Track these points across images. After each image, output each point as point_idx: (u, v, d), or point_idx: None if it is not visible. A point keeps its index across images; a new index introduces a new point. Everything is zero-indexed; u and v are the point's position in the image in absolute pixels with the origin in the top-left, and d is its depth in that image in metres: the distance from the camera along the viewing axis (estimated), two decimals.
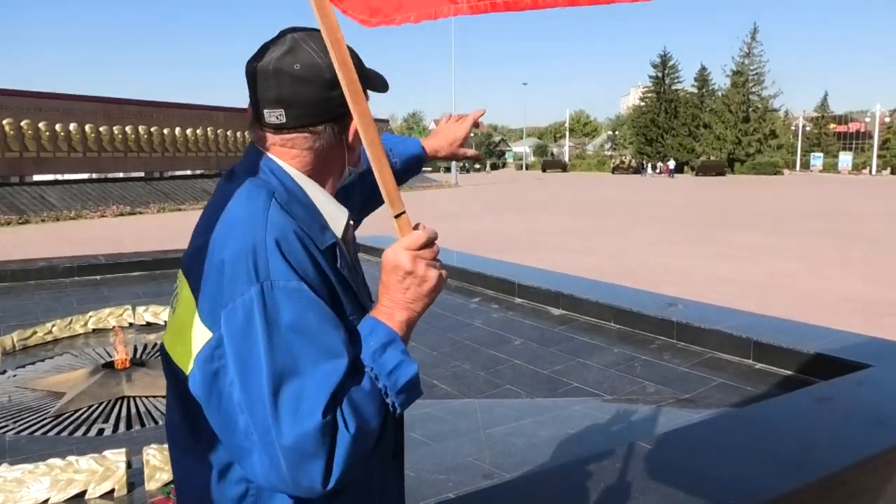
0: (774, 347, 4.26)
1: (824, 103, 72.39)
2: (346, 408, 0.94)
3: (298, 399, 0.92)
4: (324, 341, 0.96)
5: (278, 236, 0.99)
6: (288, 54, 1.09)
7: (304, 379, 0.93)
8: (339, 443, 0.93)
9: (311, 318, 0.96)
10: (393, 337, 1.02)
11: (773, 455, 2.58)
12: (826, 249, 13.80)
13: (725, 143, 60.52)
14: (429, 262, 1.05)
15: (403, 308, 1.04)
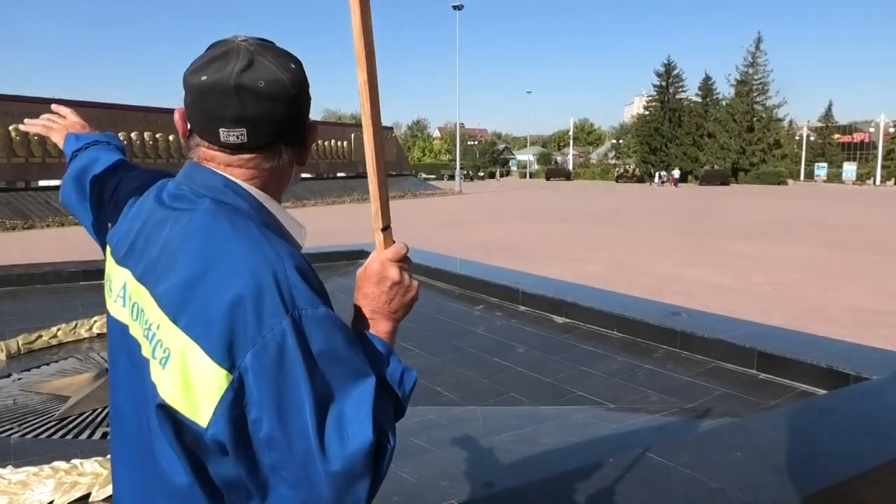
0: (778, 358, 4.26)
1: (828, 113, 72.42)
2: (384, 422, 0.96)
3: (342, 424, 0.90)
4: (355, 362, 0.95)
5: (297, 264, 0.96)
6: (249, 69, 1.00)
7: (343, 403, 0.91)
8: (383, 458, 0.95)
9: (341, 342, 0.95)
10: (387, 348, 1.05)
11: (775, 465, 2.59)
12: (829, 260, 13.78)
13: (729, 153, 60.49)
14: (410, 273, 1.08)
15: (387, 318, 1.06)
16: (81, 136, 1.65)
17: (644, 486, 2.39)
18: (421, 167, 72.83)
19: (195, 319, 0.93)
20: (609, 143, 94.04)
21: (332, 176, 37.53)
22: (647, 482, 2.43)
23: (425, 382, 4.54)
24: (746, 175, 58.92)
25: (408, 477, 3.04)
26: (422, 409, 4.13)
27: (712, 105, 65.63)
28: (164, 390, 0.97)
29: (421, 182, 47.22)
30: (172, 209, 1.06)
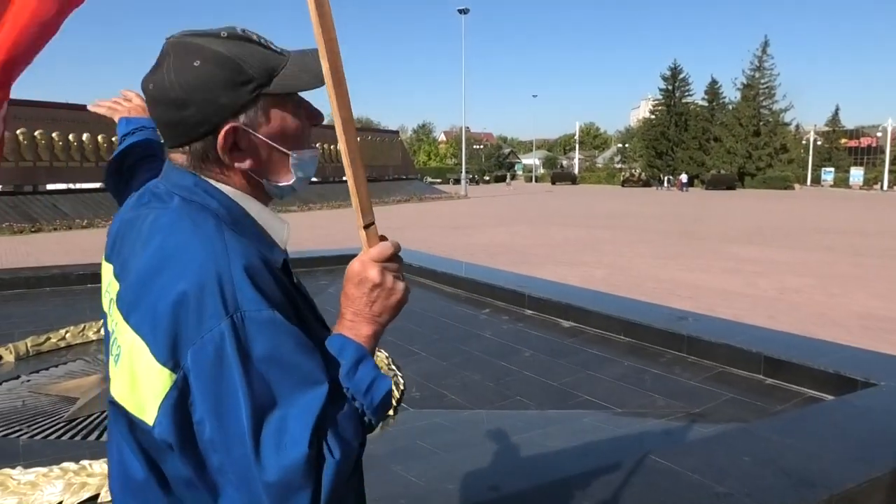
0: (785, 363, 4.25)
1: (835, 117, 72.18)
2: (330, 434, 0.91)
3: (281, 433, 0.88)
4: (302, 369, 0.91)
5: (245, 264, 0.93)
6: (151, 72, 1.04)
7: (286, 411, 0.89)
8: (326, 471, 0.90)
9: (287, 346, 0.91)
10: (363, 353, 0.99)
11: (783, 471, 2.58)
12: (836, 265, 13.73)
13: (736, 157, 60.38)
14: (396, 275, 1.02)
15: (369, 321, 1.01)
16: (132, 120, 1.66)
17: (651, 491, 2.39)
18: (426, 171, 72.91)
19: (144, 318, 0.94)
20: (615, 147, 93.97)
21: (338, 180, 37.56)
22: (654, 486, 2.43)
23: (431, 385, 4.54)
24: (753, 179, 58.79)
25: (415, 480, 3.05)
26: (428, 412, 4.14)
27: (719, 109, 65.53)
28: (114, 387, 1.01)
29: (426, 186, 47.26)
30: (147, 207, 1.07)
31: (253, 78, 1.01)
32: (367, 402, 0.96)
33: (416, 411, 4.15)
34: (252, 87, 1.02)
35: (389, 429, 3.88)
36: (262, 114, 1.04)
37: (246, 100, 1.02)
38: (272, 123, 1.05)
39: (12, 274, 7.69)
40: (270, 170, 1.08)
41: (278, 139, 1.06)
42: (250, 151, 1.05)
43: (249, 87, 1.01)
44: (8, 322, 6.03)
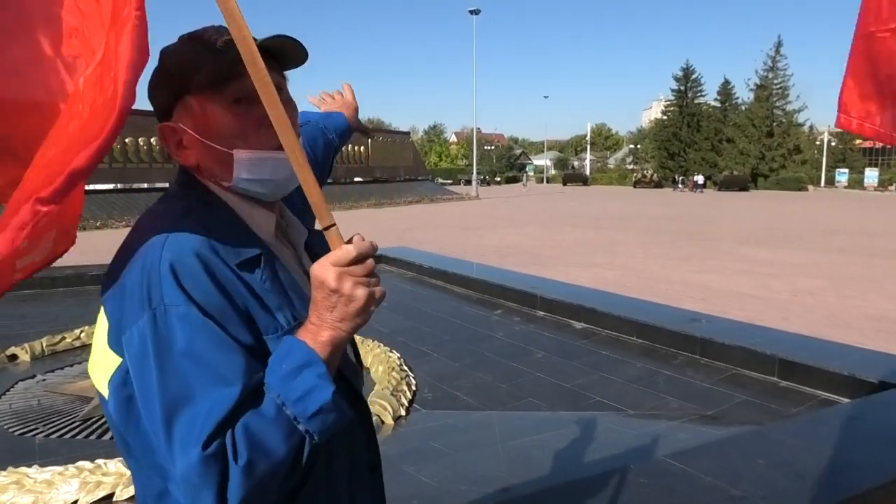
0: (799, 365, 4.22)
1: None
2: (239, 437, 0.90)
3: (189, 428, 0.90)
4: (215, 368, 0.92)
5: (173, 258, 0.96)
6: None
7: (196, 407, 0.90)
8: (231, 474, 0.89)
9: (202, 344, 0.93)
10: (310, 359, 0.94)
11: (797, 474, 2.57)
12: (850, 267, 13.62)
13: (749, 158, 59.97)
14: (358, 280, 0.94)
15: (329, 327, 0.95)
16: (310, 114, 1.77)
17: (665, 493, 2.39)
18: (438, 172, 72.93)
19: (107, 303, 1.02)
20: (627, 148, 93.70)
21: (349, 181, 37.68)
22: (668, 489, 2.42)
23: (443, 387, 4.55)
24: (766, 181, 58.38)
25: (427, 480, 3.05)
26: (440, 413, 4.14)
27: (731, 110, 65.12)
28: (89, 362, 1.09)
29: (437, 187, 47.27)
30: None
31: (177, 77, 1.06)
32: (298, 411, 0.92)
33: (428, 412, 4.15)
34: (176, 86, 1.06)
35: (401, 430, 3.88)
36: (190, 112, 1.06)
37: (172, 99, 1.08)
38: (204, 121, 1.06)
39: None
40: (214, 167, 1.08)
41: (212, 137, 1.05)
42: (192, 148, 1.08)
43: (174, 86, 1.06)
44: (23, 322, 6.08)
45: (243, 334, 0.98)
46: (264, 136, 1.05)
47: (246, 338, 0.98)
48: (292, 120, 1.09)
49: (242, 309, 0.99)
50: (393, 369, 4.51)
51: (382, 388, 4.19)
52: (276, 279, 1.05)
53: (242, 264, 1.02)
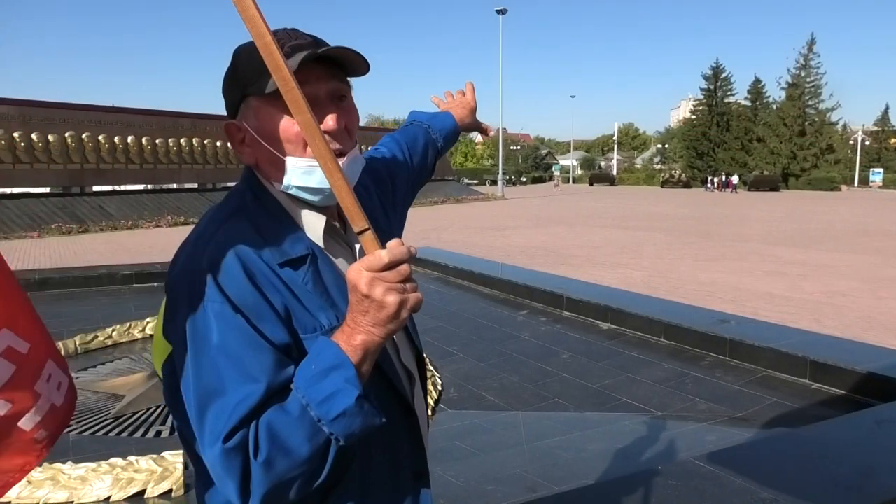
0: (832, 367, 4.15)
1: (885, 117, 70.24)
2: (262, 434, 0.93)
3: (216, 421, 0.94)
4: (244, 365, 0.96)
5: (213, 256, 1.00)
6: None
7: (224, 401, 0.94)
8: (253, 469, 0.93)
9: (233, 340, 0.96)
10: (340, 361, 0.94)
11: (830, 477, 2.53)
12: (885, 268, 13.35)
13: (780, 158, 59.08)
14: (390, 287, 0.92)
15: (363, 332, 0.95)
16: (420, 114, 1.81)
17: (694, 495, 2.36)
18: (463, 172, 72.93)
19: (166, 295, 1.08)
20: (654, 148, 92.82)
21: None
22: (697, 491, 2.39)
23: (470, 387, 4.55)
24: (797, 180, 57.47)
25: (453, 480, 3.05)
26: (466, 413, 4.15)
27: (762, 109, 64.23)
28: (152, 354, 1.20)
29: (464, 187, 47.26)
30: None
31: (243, 78, 1.08)
32: (322, 413, 0.93)
33: (454, 412, 4.16)
34: (241, 87, 1.09)
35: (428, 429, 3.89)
36: (252, 113, 1.09)
37: (238, 98, 1.10)
38: (261, 123, 1.08)
39: (62, 274, 7.92)
40: (269, 169, 1.11)
41: (269, 139, 1.08)
42: (252, 147, 1.11)
43: (240, 86, 1.09)
44: (57, 321, 6.20)
45: (279, 333, 1.00)
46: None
47: (281, 336, 1.00)
48: (350, 126, 1.12)
49: (281, 308, 1.01)
50: None
51: None
52: (321, 280, 1.06)
53: (286, 263, 1.04)
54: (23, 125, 22.37)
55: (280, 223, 1.09)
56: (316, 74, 1.05)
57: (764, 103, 64.54)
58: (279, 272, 1.03)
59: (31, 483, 2.96)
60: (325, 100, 1.07)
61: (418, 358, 1.29)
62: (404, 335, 1.25)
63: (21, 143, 22.30)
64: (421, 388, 1.27)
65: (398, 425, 1.15)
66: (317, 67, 1.04)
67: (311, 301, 1.05)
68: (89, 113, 24.65)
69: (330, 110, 1.08)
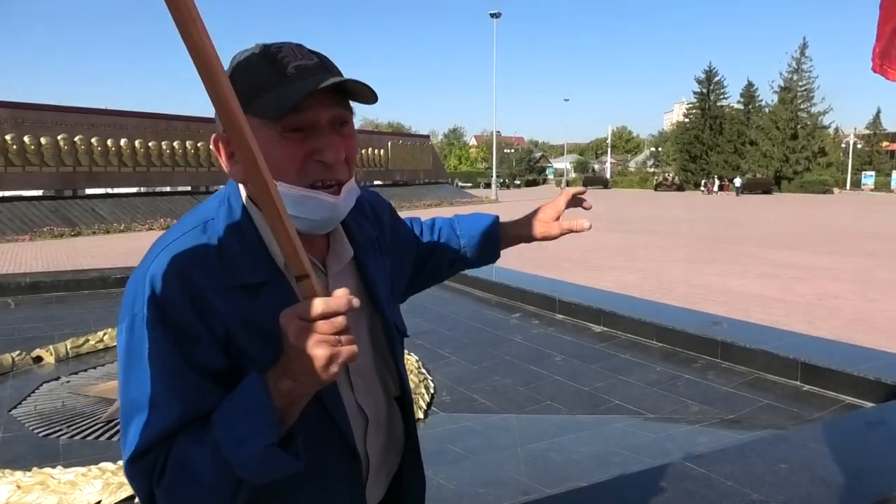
0: (823, 369, 4.17)
1: (876, 120, 70.48)
2: (170, 461, 0.92)
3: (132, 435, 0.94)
4: (166, 386, 0.93)
5: (157, 271, 0.97)
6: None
7: (142, 418, 0.93)
8: (156, 493, 0.93)
9: (159, 359, 0.94)
10: (259, 404, 0.88)
11: (821, 479, 2.53)
12: (877, 270, 13.41)
13: (772, 161, 59.30)
14: (321, 338, 0.85)
15: (290, 377, 0.88)
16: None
17: (685, 497, 2.36)
18: (457, 175, 72.95)
19: None
20: (648, 151, 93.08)
21: (370, 184, 37.87)
22: (688, 493, 2.39)
23: (462, 390, 4.54)
24: (790, 183, 57.67)
25: (445, 483, 3.05)
26: (458, 416, 4.14)
27: (755, 112, 64.45)
28: None
29: (457, 190, 47.28)
30: None
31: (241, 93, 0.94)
32: (229, 454, 0.88)
33: (446, 415, 4.15)
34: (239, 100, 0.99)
35: (419, 433, 3.88)
36: None
37: None
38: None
39: (53, 277, 7.88)
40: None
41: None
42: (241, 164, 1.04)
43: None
44: (49, 324, 6.18)
45: (212, 358, 0.96)
46: (311, 172, 1.01)
47: (215, 362, 0.96)
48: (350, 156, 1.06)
49: (220, 332, 0.97)
50: (411, 372, 4.52)
51: None
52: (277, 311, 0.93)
53: (240, 287, 0.99)
54: (15, 127, 22.29)
55: (246, 244, 1.03)
56: (319, 100, 0.99)
57: (756, 107, 64.76)
58: (227, 295, 0.98)
59: (21, 488, 2.95)
60: (326, 127, 1.01)
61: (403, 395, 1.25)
62: (375, 374, 1.19)
63: (13, 145, 22.21)
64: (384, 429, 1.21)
65: (338, 467, 1.09)
66: (321, 93, 0.98)
67: (258, 330, 0.99)
68: (82, 115, 24.56)
69: (331, 139, 1.02)
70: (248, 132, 0.81)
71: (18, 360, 5.07)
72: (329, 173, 1.02)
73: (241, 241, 1.03)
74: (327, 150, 1.01)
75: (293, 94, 0.95)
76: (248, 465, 0.88)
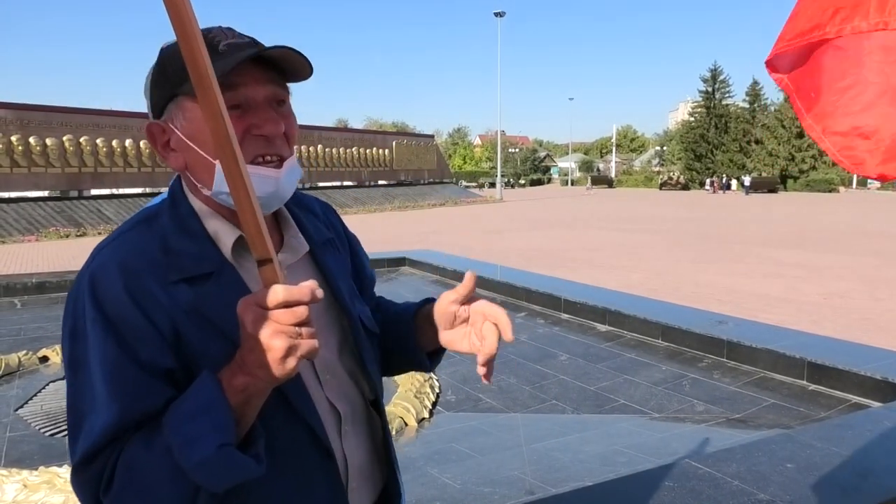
0: (829, 368, 4.15)
1: None
2: (119, 469, 0.88)
3: (77, 443, 0.90)
4: (108, 388, 0.89)
5: (96, 269, 0.95)
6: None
7: (86, 423, 0.90)
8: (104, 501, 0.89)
9: (101, 359, 0.90)
10: (212, 404, 0.84)
11: (827, 479, 2.52)
12: (883, 269, 13.36)
13: (778, 160, 59.14)
14: (280, 329, 0.80)
15: (246, 372, 0.84)
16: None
17: (691, 497, 2.36)
18: (462, 175, 72.97)
19: None
20: (653, 150, 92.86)
21: (374, 184, 37.86)
22: (694, 492, 2.39)
23: (467, 389, 4.54)
24: (795, 182, 57.53)
25: (450, 482, 3.05)
26: (464, 415, 4.14)
27: (760, 111, 64.27)
28: None
29: (462, 190, 47.29)
30: None
31: (173, 76, 0.98)
32: (181, 458, 0.83)
33: (451, 414, 4.15)
34: (171, 85, 0.99)
35: (425, 432, 3.89)
36: (180, 112, 1.00)
37: (166, 98, 1.01)
38: (190, 125, 0.99)
39: (59, 277, 7.90)
40: (199, 173, 1.02)
41: (198, 142, 0.99)
42: (180, 151, 1.02)
43: (169, 85, 1.00)
44: (55, 324, 6.19)
45: (158, 356, 0.92)
46: (250, 147, 0.99)
47: (161, 360, 0.92)
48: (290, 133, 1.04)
49: (166, 328, 0.93)
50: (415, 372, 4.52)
51: (406, 390, 4.20)
52: (225, 302, 0.92)
53: (184, 280, 0.96)
54: (20, 129, 22.39)
55: (189, 235, 1.00)
56: (254, 76, 0.98)
57: (762, 105, 64.59)
58: (170, 290, 0.94)
59: (28, 487, 2.96)
60: (263, 104, 1.00)
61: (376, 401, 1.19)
62: (345, 373, 1.13)
63: (19, 146, 22.31)
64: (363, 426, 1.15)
65: (313, 468, 1.04)
66: (255, 70, 0.98)
67: (207, 323, 0.95)
68: (87, 116, 24.66)
69: (269, 115, 1.00)
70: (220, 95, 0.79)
71: (25, 360, 5.08)
72: (269, 148, 1.00)
73: (185, 233, 1.00)
74: (265, 125, 0.99)
75: (224, 67, 0.92)
76: (202, 468, 0.83)
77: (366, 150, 37.55)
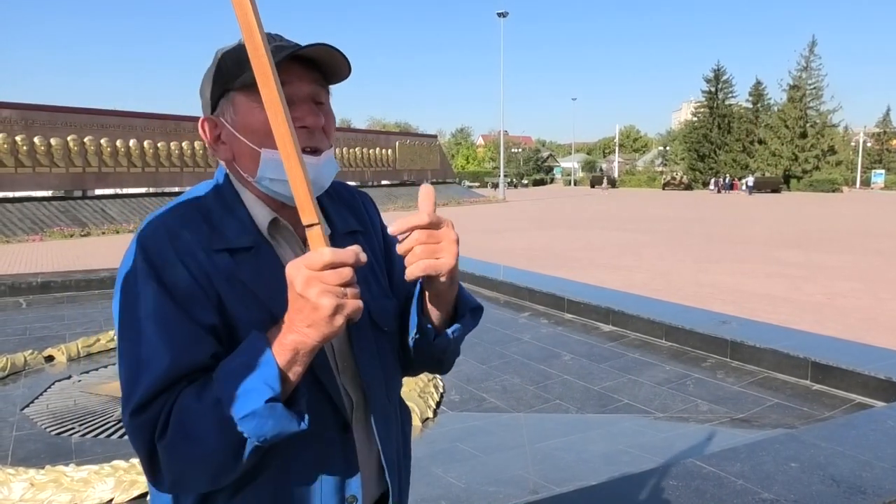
0: (833, 368, 4.16)
1: (886, 118, 70.14)
2: (173, 417, 0.92)
3: (130, 392, 0.95)
4: (164, 339, 0.95)
5: (146, 233, 1.03)
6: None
7: (142, 372, 0.94)
8: (158, 449, 0.92)
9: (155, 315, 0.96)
10: (262, 360, 0.91)
11: (831, 478, 2.53)
12: (886, 269, 13.34)
13: (781, 160, 59.00)
14: (327, 288, 0.87)
15: (295, 331, 0.90)
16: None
17: (695, 496, 2.37)
18: (464, 175, 72.95)
19: None
20: (656, 150, 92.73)
21: (377, 184, 37.89)
22: (698, 492, 2.40)
23: (471, 389, 4.55)
24: (799, 182, 57.40)
25: (455, 482, 3.06)
26: (468, 415, 4.15)
27: (763, 111, 64.14)
28: None
29: (465, 190, 47.28)
30: None
31: (226, 73, 1.07)
32: (232, 410, 0.89)
33: (455, 414, 4.16)
34: (224, 82, 1.08)
35: (429, 431, 3.90)
36: (231, 107, 1.08)
37: (219, 94, 1.10)
38: (239, 117, 1.07)
39: (64, 277, 7.93)
40: (245, 162, 1.09)
41: (245, 132, 1.07)
42: (229, 143, 1.10)
43: (222, 81, 1.08)
44: (60, 324, 6.23)
45: (206, 315, 0.99)
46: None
47: (209, 318, 0.99)
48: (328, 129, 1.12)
49: (211, 293, 1.00)
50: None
51: (410, 390, 4.21)
52: (260, 274, 1.04)
53: (231, 251, 1.04)
54: (25, 129, 22.43)
55: (231, 213, 1.09)
56: (296, 74, 1.05)
57: (765, 105, 64.45)
58: (213, 257, 1.02)
59: (35, 485, 2.97)
60: (304, 99, 1.08)
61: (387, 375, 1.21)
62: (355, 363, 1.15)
63: (23, 146, 22.35)
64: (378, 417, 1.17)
65: (332, 440, 1.09)
66: (297, 68, 1.05)
67: (246, 291, 1.03)
68: (91, 116, 24.70)
69: (310, 107, 1.08)
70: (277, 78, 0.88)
71: (30, 360, 5.11)
72: (310, 140, 1.07)
73: (228, 210, 1.09)
74: (307, 117, 1.06)
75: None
76: (251, 419, 0.89)
77: (369, 151, 37.57)
